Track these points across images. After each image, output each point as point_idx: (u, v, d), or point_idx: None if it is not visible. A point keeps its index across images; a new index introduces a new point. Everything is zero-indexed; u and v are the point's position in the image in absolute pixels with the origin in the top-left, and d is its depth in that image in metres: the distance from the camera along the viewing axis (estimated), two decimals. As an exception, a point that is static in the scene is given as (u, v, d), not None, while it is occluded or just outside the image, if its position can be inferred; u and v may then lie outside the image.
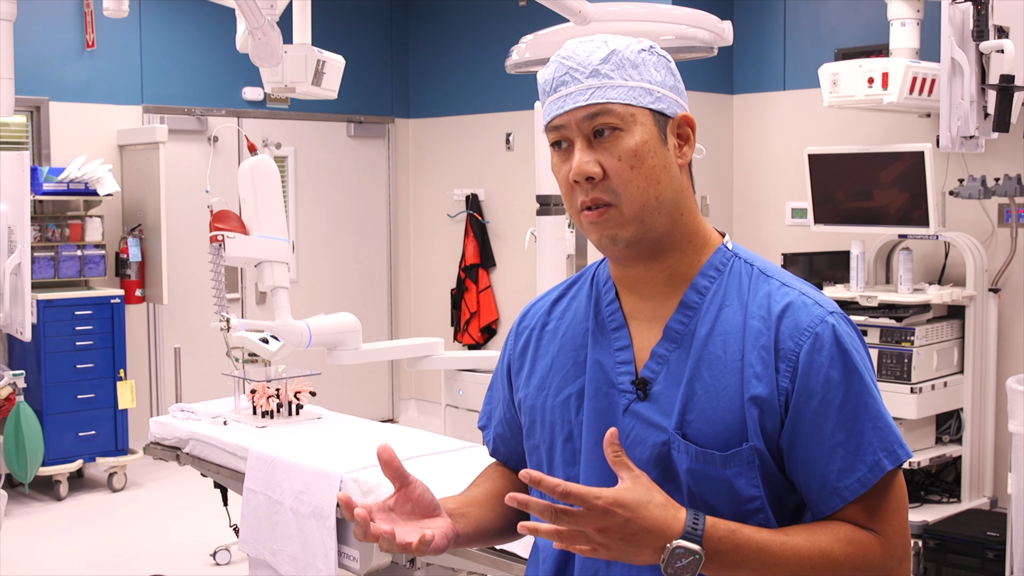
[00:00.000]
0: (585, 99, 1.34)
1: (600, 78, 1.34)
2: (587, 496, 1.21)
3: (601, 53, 1.35)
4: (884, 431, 1.31)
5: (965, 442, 4.73)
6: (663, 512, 1.24)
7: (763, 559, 1.27)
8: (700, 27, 4.25)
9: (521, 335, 1.54)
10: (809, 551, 1.28)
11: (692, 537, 1.23)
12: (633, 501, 1.22)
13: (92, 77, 6.49)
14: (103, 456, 5.99)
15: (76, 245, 6.13)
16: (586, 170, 1.33)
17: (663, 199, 1.36)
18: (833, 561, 1.28)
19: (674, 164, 1.37)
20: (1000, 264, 4.95)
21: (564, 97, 1.36)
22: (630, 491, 1.23)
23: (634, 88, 1.35)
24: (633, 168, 1.33)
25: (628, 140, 1.33)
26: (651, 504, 1.23)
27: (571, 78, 1.36)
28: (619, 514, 1.22)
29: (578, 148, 1.34)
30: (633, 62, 1.36)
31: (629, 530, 1.22)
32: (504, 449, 1.59)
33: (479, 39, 7.27)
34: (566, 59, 1.37)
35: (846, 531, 1.30)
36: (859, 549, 1.29)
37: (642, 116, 1.35)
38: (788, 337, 1.32)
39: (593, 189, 1.34)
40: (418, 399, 7.97)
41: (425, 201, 7.82)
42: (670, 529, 1.24)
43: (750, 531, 1.27)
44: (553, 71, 1.38)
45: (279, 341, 4.40)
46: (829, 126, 5.63)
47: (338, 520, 3.44)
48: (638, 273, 1.41)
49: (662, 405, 1.36)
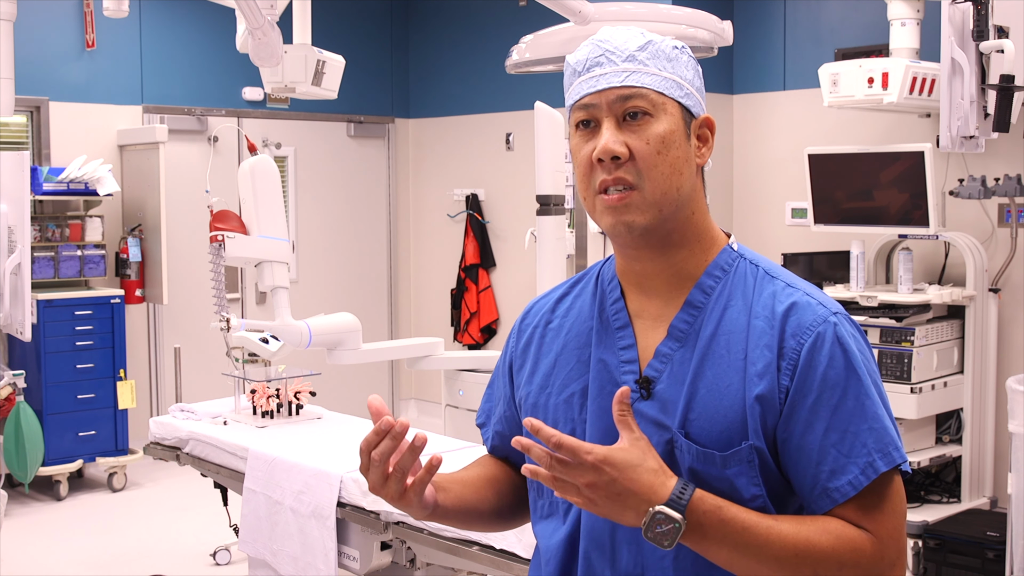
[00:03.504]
0: (620, 80, 1.35)
1: (636, 63, 1.36)
2: (578, 450, 1.23)
3: (638, 41, 1.38)
4: (880, 433, 1.30)
5: (965, 442, 4.73)
6: (652, 477, 1.25)
7: (746, 539, 1.26)
8: (700, 27, 4.25)
9: (524, 333, 1.54)
10: (795, 539, 1.27)
11: (676, 506, 1.24)
12: (623, 461, 1.24)
13: (92, 77, 6.49)
14: (103, 456, 5.99)
15: (76, 245, 6.13)
16: (613, 148, 1.34)
17: (682, 191, 1.37)
18: (819, 552, 1.27)
19: (693, 161, 1.39)
20: (1000, 264, 4.95)
21: (598, 77, 1.37)
22: (622, 451, 1.25)
23: (667, 79, 1.37)
24: (660, 154, 1.35)
25: (657, 126, 1.35)
26: (641, 468, 1.25)
27: (607, 60, 1.37)
28: (607, 472, 1.23)
29: (606, 127, 1.35)
30: (668, 55, 1.38)
31: (615, 489, 1.24)
32: (503, 447, 1.60)
33: (479, 39, 7.27)
34: (602, 42, 1.38)
35: (837, 526, 1.29)
36: (847, 545, 1.28)
37: (672, 107, 1.37)
38: (791, 336, 1.32)
39: (617, 169, 1.34)
40: (418, 399, 7.97)
41: (425, 201, 7.82)
42: (655, 494, 1.25)
43: (737, 510, 1.28)
44: (588, 52, 1.39)
45: (279, 341, 4.40)
46: (829, 126, 5.63)
47: (338, 520, 3.44)
48: (645, 267, 1.41)
49: (665, 404, 1.36)
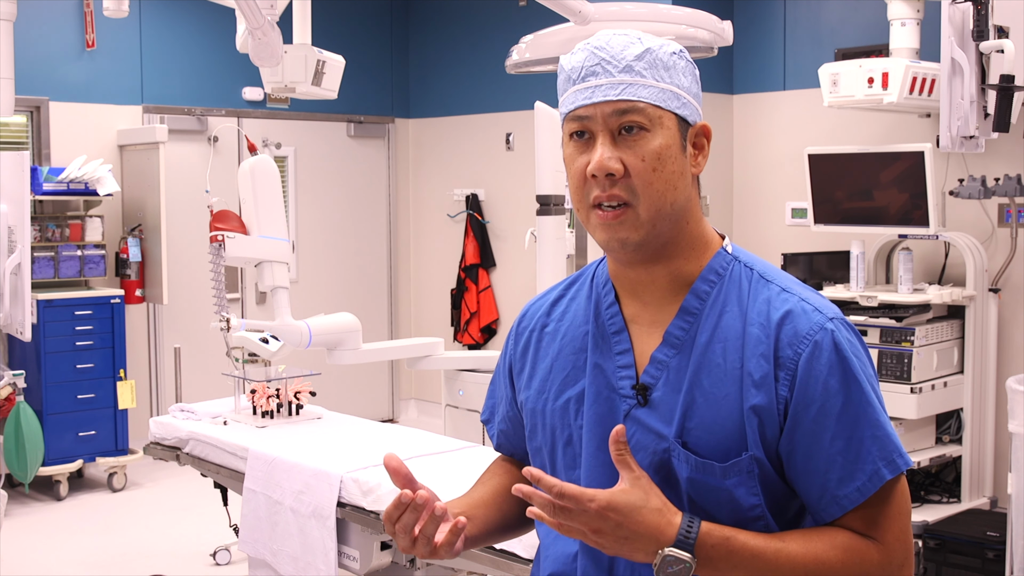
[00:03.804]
0: (616, 94, 1.32)
1: (633, 75, 1.32)
2: (580, 498, 1.22)
3: (636, 49, 1.33)
4: (883, 440, 1.30)
5: (965, 442, 4.73)
6: (657, 518, 1.24)
7: (757, 566, 1.27)
8: (700, 27, 4.25)
9: (521, 336, 1.53)
10: (804, 558, 1.27)
11: (684, 545, 1.24)
12: (626, 505, 1.23)
13: (92, 77, 6.49)
14: (103, 456, 5.99)
15: (76, 245, 6.13)
16: (608, 166, 1.31)
17: (676, 206, 1.35)
18: (828, 568, 1.27)
19: (689, 172, 1.36)
20: (1000, 264, 4.95)
21: (593, 88, 1.33)
22: (624, 494, 1.24)
23: (664, 90, 1.33)
24: (655, 170, 1.32)
25: (653, 141, 1.32)
26: (645, 509, 1.24)
27: (602, 69, 1.33)
28: (611, 517, 1.22)
29: (600, 143, 1.32)
30: (665, 64, 1.34)
31: (622, 533, 1.23)
32: (508, 445, 1.60)
33: (479, 39, 7.27)
34: (599, 49, 1.34)
35: (843, 538, 1.29)
36: (855, 557, 1.28)
37: (668, 120, 1.33)
38: (787, 345, 1.31)
39: (612, 186, 1.32)
40: (418, 399, 7.97)
41: (425, 201, 7.82)
42: (663, 535, 1.24)
43: (745, 537, 1.27)
44: (583, 59, 1.35)
45: (279, 341, 4.40)
46: (829, 126, 5.63)
47: (338, 520, 3.44)
48: (639, 275, 1.40)
49: (662, 412, 1.35)
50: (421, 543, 1.33)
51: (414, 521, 1.32)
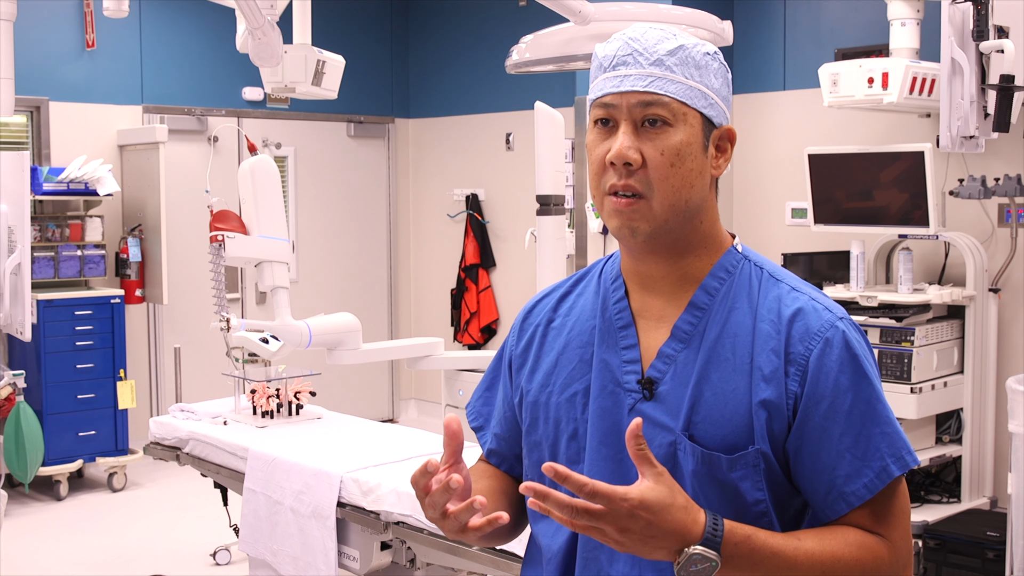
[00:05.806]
0: (644, 85, 1.33)
1: (663, 68, 1.34)
2: (614, 497, 1.18)
3: (669, 44, 1.35)
4: (892, 437, 1.31)
5: (965, 442, 4.73)
6: (684, 516, 1.22)
7: (776, 563, 1.26)
8: (700, 27, 4.25)
9: (525, 331, 1.53)
10: (821, 555, 1.28)
11: (711, 543, 1.22)
12: (657, 503, 1.20)
13: (92, 77, 6.49)
14: (103, 456, 5.99)
15: (76, 245, 6.13)
16: (627, 155, 1.32)
17: (690, 204, 1.36)
18: (844, 565, 1.28)
19: (708, 173, 1.37)
20: (1000, 264, 4.95)
21: (622, 77, 1.34)
22: (654, 491, 1.21)
23: (692, 88, 1.34)
24: (673, 166, 1.33)
25: (674, 137, 1.33)
26: (673, 507, 1.21)
27: (634, 60, 1.35)
28: (643, 517, 1.19)
29: (623, 131, 1.34)
30: (697, 63, 1.36)
31: (650, 532, 1.20)
32: (501, 451, 1.58)
33: (479, 39, 7.27)
34: (633, 40, 1.36)
35: (856, 536, 1.30)
36: (869, 554, 1.29)
37: (692, 118, 1.34)
38: (798, 341, 1.32)
39: (628, 176, 1.33)
40: (418, 399, 7.97)
41: (425, 201, 7.82)
42: (690, 533, 1.22)
43: (764, 536, 1.27)
44: (616, 48, 1.37)
45: (279, 341, 4.40)
46: (829, 126, 5.63)
47: (338, 520, 3.44)
48: (650, 269, 1.41)
49: (669, 405, 1.35)
50: (451, 523, 1.30)
51: (445, 500, 1.29)
